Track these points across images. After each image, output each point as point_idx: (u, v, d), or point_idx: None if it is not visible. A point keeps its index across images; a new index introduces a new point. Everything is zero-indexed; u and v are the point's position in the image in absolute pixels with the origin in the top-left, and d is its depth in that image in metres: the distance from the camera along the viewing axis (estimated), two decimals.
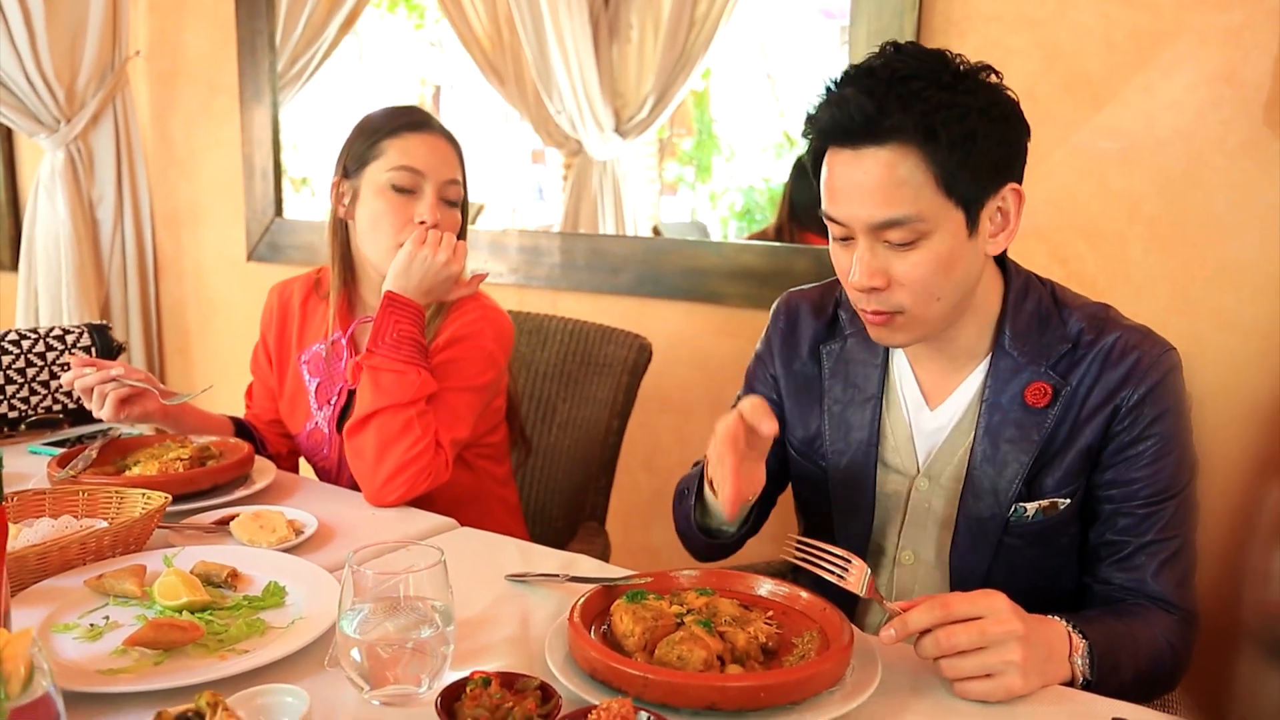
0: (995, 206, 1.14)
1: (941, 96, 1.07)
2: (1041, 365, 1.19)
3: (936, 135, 1.06)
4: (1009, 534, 1.21)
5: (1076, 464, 1.18)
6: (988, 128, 1.09)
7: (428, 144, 1.56)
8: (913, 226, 1.10)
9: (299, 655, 1.00)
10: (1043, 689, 0.98)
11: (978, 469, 1.21)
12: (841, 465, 1.30)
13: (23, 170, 3.53)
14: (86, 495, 1.30)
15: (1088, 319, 1.20)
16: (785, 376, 1.37)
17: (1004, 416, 1.20)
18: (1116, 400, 1.16)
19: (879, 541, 1.31)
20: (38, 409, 1.79)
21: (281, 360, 1.72)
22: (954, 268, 1.13)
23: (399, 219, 1.54)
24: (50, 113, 2.98)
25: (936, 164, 1.07)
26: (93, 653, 0.99)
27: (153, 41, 3.19)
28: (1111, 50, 1.82)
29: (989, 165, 1.10)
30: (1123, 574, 1.18)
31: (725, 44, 3.29)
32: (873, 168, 1.09)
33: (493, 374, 1.59)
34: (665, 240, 2.75)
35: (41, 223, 3.11)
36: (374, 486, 1.45)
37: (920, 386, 1.26)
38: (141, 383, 1.54)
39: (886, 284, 1.13)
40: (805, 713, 0.89)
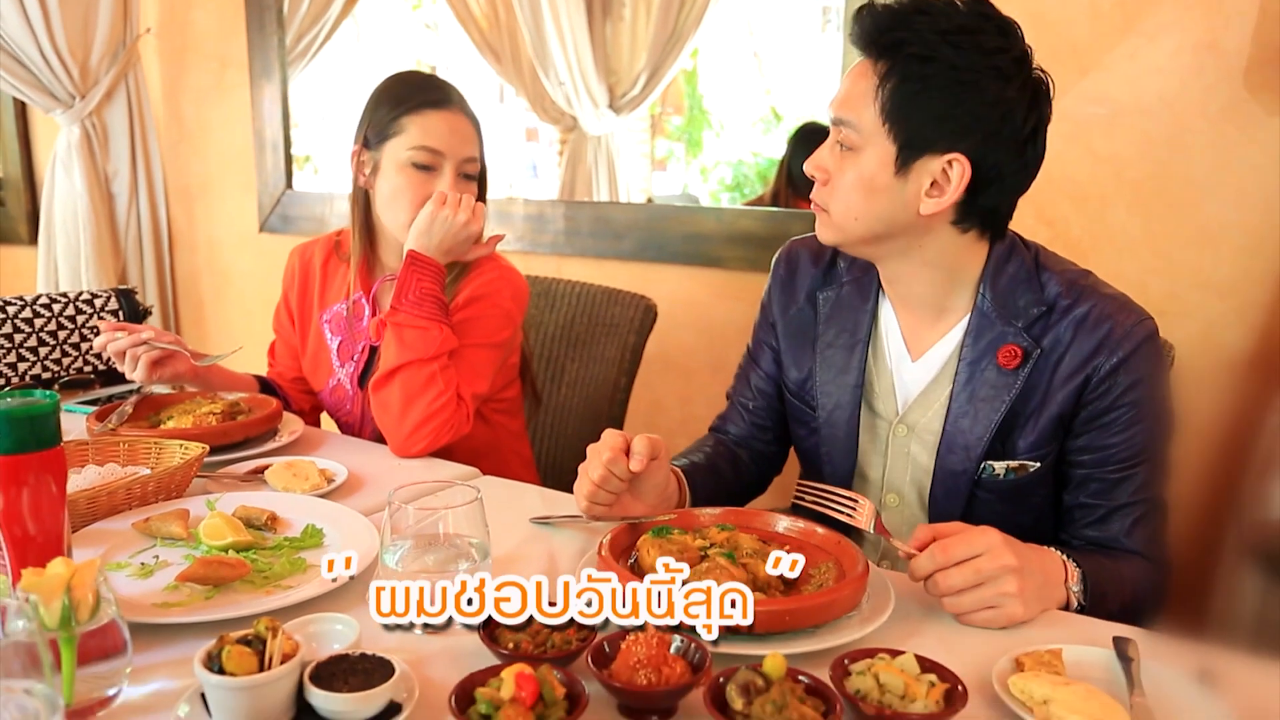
0: (938, 166, 1.11)
1: (927, 38, 1.08)
2: (1016, 325, 1.18)
3: (894, 65, 1.09)
4: (980, 488, 1.22)
5: (1049, 429, 1.18)
6: (946, 84, 1.08)
7: (448, 123, 1.55)
8: (849, 133, 1.14)
9: (341, 590, 1.01)
10: (1043, 614, 1.00)
11: (951, 424, 1.21)
12: (830, 406, 1.31)
13: (38, 148, 3.49)
14: (127, 446, 1.30)
15: (1066, 284, 1.18)
16: (782, 322, 1.37)
17: (978, 375, 1.19)
18: (1089, 369, 1.15)
19: (864, 486, 1.32)
20: (69, 370, 1.78)
21: (304, 319, 1.71)
22: (874, 196, 1.13)
23: (418, 195, 1.53)
24: (65, 89, 2.94)
25: (885, 90, 1.10)
26: (146, 589, 1.00)
27: (163, 19, 3.14)
28: (1097, 19, 1.82)
29: (933, 118, 1.09)
30: (1096, 532, 1.19)
31: (714, 23, 3.27)
32: (857, 73, 1.14)
33: (510, 331, 1.60)
34: (666, 207, 2.74)
35: (59, 197, 3.07)
36: (400, 438, 1.46)
37: (904, 337, 1.27)
38: (172, 345, 1.53)
39: (825, 179, 1.18)
40: (826, 636, 0.91)
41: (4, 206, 3.55)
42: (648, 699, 0.80)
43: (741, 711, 0.74)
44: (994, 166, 1.11)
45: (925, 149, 1.11)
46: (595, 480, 1.11)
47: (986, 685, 0.84)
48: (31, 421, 0.83)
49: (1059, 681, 0.82)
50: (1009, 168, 1.13)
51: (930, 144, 1.10)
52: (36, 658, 0.67)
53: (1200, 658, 0.88)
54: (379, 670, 0.79)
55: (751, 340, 1.44)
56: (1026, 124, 1.11)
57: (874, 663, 0.81)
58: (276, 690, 0.75)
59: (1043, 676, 0.83)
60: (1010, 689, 0.83)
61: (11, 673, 0.67)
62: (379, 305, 1.64)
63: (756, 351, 1.43)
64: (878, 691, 0.79)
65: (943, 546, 0.97)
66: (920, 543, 1.00)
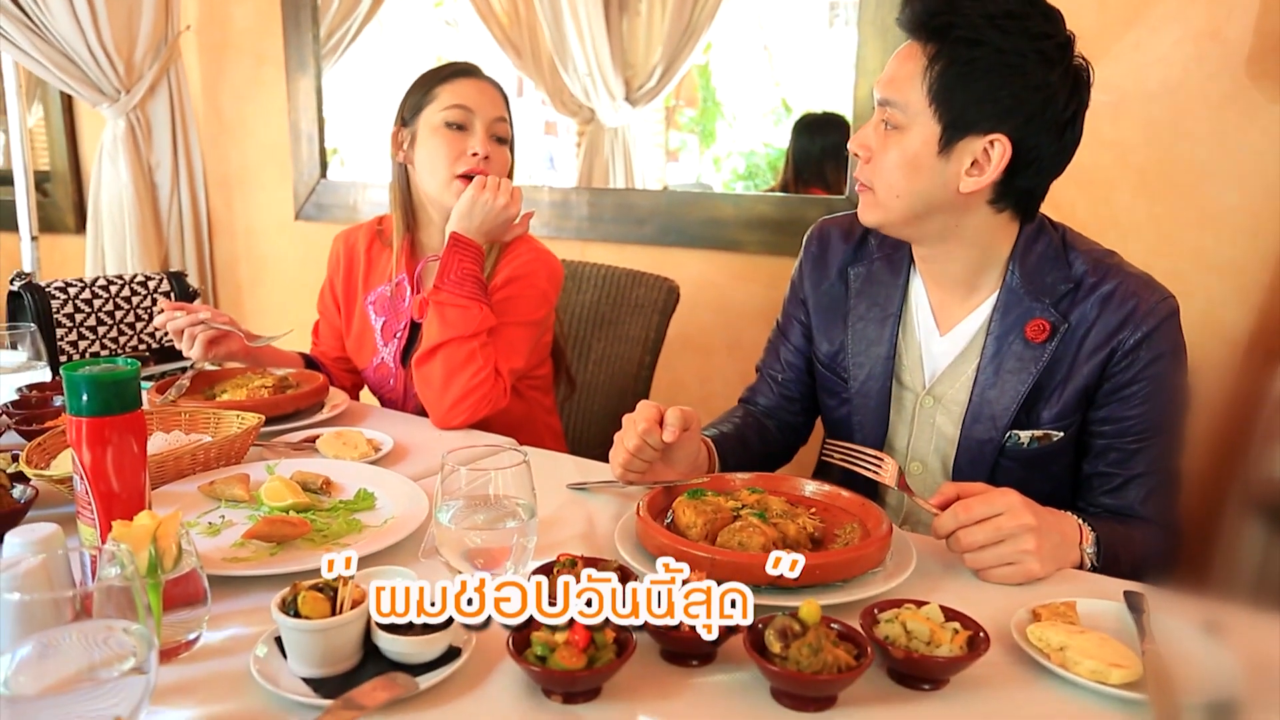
0: (979, 147, 1.12)
1: (975, 21, 1.09)
2: (1044, 302, 1.19)
3: (943, 47, 1.10)
4: (1005, 457, 1.23)
5: (1073, 400, 1.19)
6: (993, 67, 1.09)
7: (476, 86, 1.59)
8: (895, 113, 1.14)
9: (395, 548, 1.04)
10: (1058, 571, 1.02)
11: (978, 395, 1.23)
12: (861, 377, 1.32)
13: (83, 141, 3.52)
14: (188, 416, 1.33)
15: (1092, 263, 1.20)
16: (814, 297, 1.39)
17: (1006, 348, 1.21)
18: (1114, 342, 1.16)
19: (890, 453, 1.33)
20: (125, 348, 1.82)
21: (349, 302, 1.74)
22: (917, 174, 1.14)
23: (453, 151, 1.56)
24: (111, 84, 2.97)
25: (933, 72, 1.11)
26: (215, 545, 1.03)
27: (203, 16, 3.16)
28: (1103, 10, 1.82)
29: (978, 100, 1.10)
30: (1112, 500, 1.21)
31: (726, 18, 3.27)
32: (905, 55, 1.15)
33: (545, 310, 1.62)
34: (685, 193, 2.76)
35: (106, 187, 3.11)
36: (441, 411, 1.49)
37: (933, 312, 1.28)
38: (227, 325, 1.56)
39: (868, 157, 1.18)
40: (853, 589, 0.93)
41: (51, 198, 3.59)
42: (691, 645, 0.82)
43: (780, 654, 0.77)
44: (1033, 149, 1.12)
45: (968, 129, 1.12)
46: (631, 449, 1.13)
47: (1005, 635, 0.86)
48: (116, 385, 0.86)
49: (1074, 630, 0.85)
50: (1047, 150, 1.13)
51: (973, 124, 1.11)
52: (129, 601, 0.70)
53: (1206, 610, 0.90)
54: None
55: (781, 315, 1.46)
56: (1067, 109, 1.12)
57: (901, 612, 0.84)
58: (347, 633, 0.78)
59: (1059, 625, 0.86)
60: (1028, 636, 0.85)
61: (106, 614, 0.70)
62: (422, 285, 1.66)
63: (786, 326, 1.44)
64: (905, 637, 0.81)
65: (965, 505, 0.99)
66: (944, 499, 1.02)
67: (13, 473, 1.12)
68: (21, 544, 0.83)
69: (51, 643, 0.68)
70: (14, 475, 1.11)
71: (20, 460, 1.12)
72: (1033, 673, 0.83)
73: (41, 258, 3.24)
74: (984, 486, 1.02)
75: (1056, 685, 0.81)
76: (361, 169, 3.38)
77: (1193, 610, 0.91)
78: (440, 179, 1.57)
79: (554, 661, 0.76)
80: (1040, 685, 0.81)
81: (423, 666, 0.79)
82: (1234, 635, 0.87)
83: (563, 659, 0.75)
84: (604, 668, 0.76)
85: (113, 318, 1.80)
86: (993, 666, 0.83)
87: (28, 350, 1.55)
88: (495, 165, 1.57)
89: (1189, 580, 1.01)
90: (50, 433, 1.21)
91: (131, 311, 1.84)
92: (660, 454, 1.16)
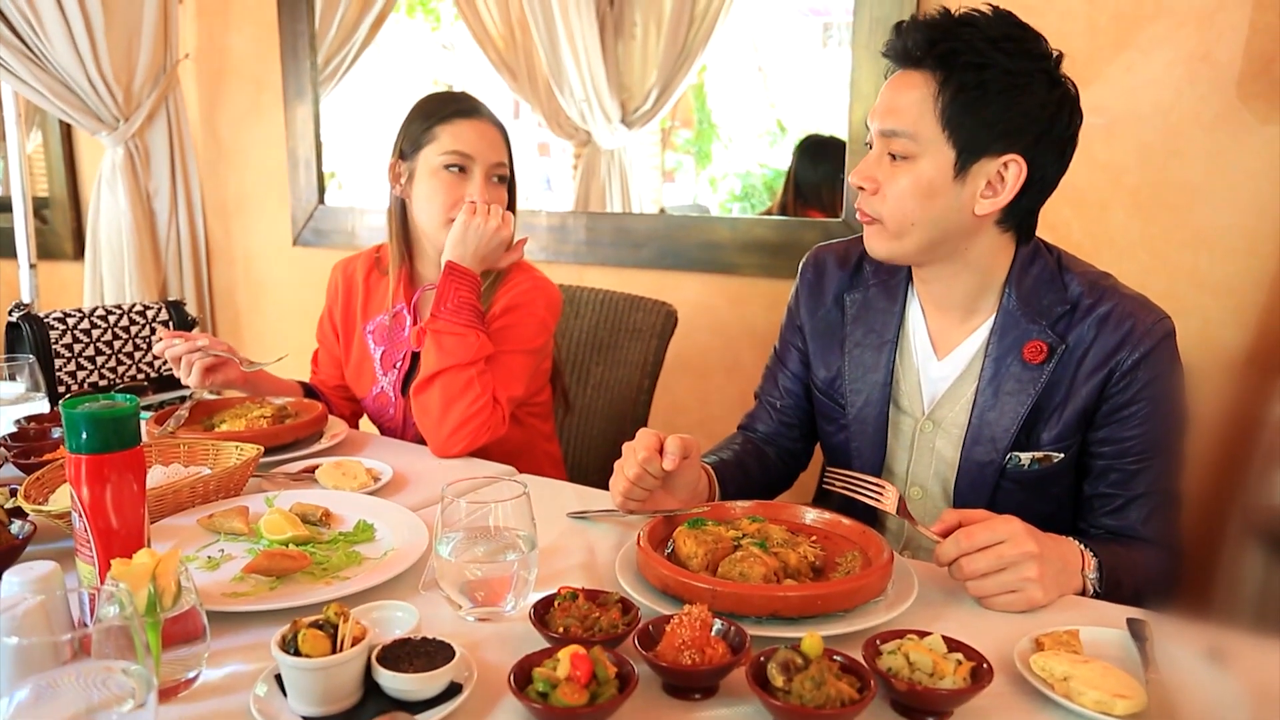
0: (994, 169, 1.13)
1: (978, 46, 1.10)
2: (1041, 324, 1.20)
3: (952, 74, 1.11)
4: (1005, 479, 1.23)
5: (1072, 421, 1.19)
6: (1004, 88, 1.10)
7: (477, 130, 1.58)
8: (906, 142, 1.14)
9: (395, 581, 1.03)
10: (1060, 598, 1.02)
11: (978, 418, 1.23)
12: (859, 404, 1.32)
13: (82, 168, 3.54)
14: (187, 448, 1.33)
15: (1088, 285, 1.21)
16: (810, 323, 1.39)
17: (1004, 370, 1.21)
18: (1112, 363, 1.17)
19: (888, 480, 1.33)
20: (124, 377, 1.82)
21: (348, 331, 1.74)
22: (932, 200, 1.14)
23: (450, 197, 1.57)
24: (110, 112, 2.98)
25: (944, 98, 1.11)
26: (214, 580, 1.02)
27: (201, 44, 3.19)
28: (1095, 33, 1.84)
29: (991, 122, 1.11)
30: (1114, 521, 1.21)
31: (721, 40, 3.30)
32: (903, 85, 1.15)
33: (544, 338, 1.62)
34: (683, 217, 2.77)
35: (104, 214, 3.12)
36: (440, 439, 1.48)
37: (931, 337, 1.29)
38: (224, 352, 1.56)
39: (874, 189, 1.17)
40: (855, 620, 0.93)
41: (50, 225, 3.59)
42: (692, 678, 0.82)
43: (782, 688, 0.76)
44: (1042, 167, 1.14)
45: (983, 152, 1.13)
46: (631, 478, 1.13)
47: (1008, 664, 0.86)
48: (115, 423, 0.86)
49: (1078, 660, 0.84)
50: (1052, 168, 1.16)
51: (988, 147, 1.12)
52: (127, 641, 0.70)
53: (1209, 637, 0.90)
54: (440, 653, 0.81)
55: (778, 342, 1.46)
56: (1071, 125, 1.15)
57: (903, 643, 0.83)
58: (348, 671, 0.78)
59: (1062, 655, 0.85)
60: (1032, 666, 0.85)
61: (105, 654, 0.69)
62: (419, 314, 1.66)
63: (783, 353, 1.44)
64: (908, 669, 0.80)
65: (967, 533, 0.99)
66: (945, 527, 1.02)
67: (11, 508, 1.11)
68: (20, 583, 0.83)
69: (50, 684, 0.68)
70: (12, 510, 1.11)
71: (19, 495, 1.12)
72: (1037, 704, 0.82)
73: (40, 285, 3.25)
74: (986, 514, 1.02)
75: (1061, 716, 0.80)
76: (360, 193, 3.39)
77: (1196, 637, 0.90)
78: (436, 221, 1.58)
79: (555, 698, 0.75)
80: (1045, 716, 0.81)
81: (424, 704, 0.78)
82: (1238, 662, 0.86)
83: (565, 695, 0.75)
84: (606, 703, 0.76)
85: (111, 347, 1.80)
86: (997, 697, 0.83)
87: (26, 381, 1.55)
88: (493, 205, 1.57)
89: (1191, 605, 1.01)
90: (49, 466, 1.21)
91: (130, 341, 1.84)
92: (660, 482, 1.16)
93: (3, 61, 2.83)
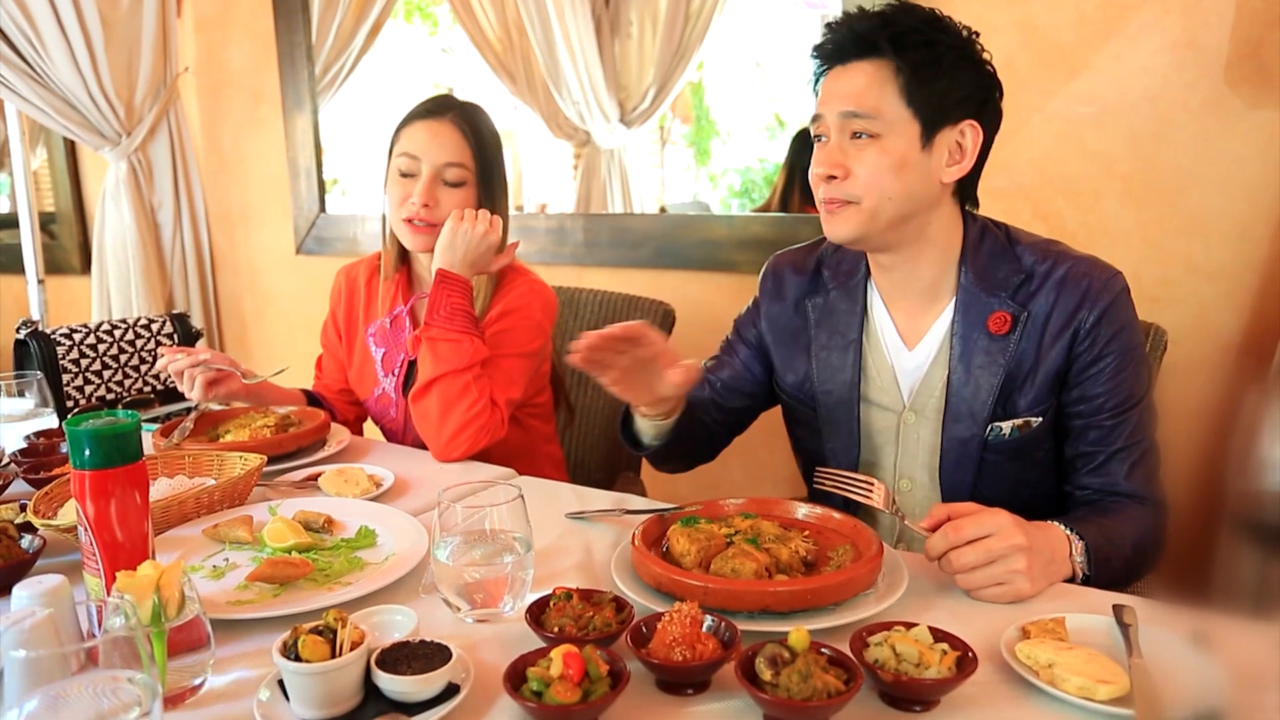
0: (954, 138, 1.19)
1: (919, 29, 1.18)
2: (1001, 295, 1.24)
3: (906, 56, 1.17)
4: (989, 451, 1.26)
5: (1046, 385, 1.23)
6: (954, 64, 1.18)
7: (429, 130, 1.59)
8: (871, 121, 1.18)
9: (396, 585, 1.06)
10: (1049, 587, 1.04)
11: (955, 396, 1.26)
12: (830, 404, 1.35)
13: (87, 183, 3.58)
14: (191, 459, 1.35)
15: (1040, 252, 1.25)
16: (771, 330, 1.42)
17: (972, 345, 1.25)
18: (1075, 323, 1.20)
19: (877, 475, 1.35)
20: (130, 391, 1.85)
21: (350, 334, 1.77)
22: (905, 172, 1.18)
23: (397, 198, 1.59)
24: (112, 127, 3.01)
25: (903, 77, 1.17)
26: (219, 588, 1.04)
27: (200, 58, 3.22)
28: (1083, 23, 1.84)
29: (946, 92, 1.17)
30: (1098, 479, 1.23)
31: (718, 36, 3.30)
32: (855, 75, 1.20)
33: (540, 341, 1.64)
34: (680, 216, 2.78)
35: (110, 228, 3.15)
36: (440, 444, 1.51)
37: (898, 330, 1.31)
38: (226, 366, 1.59)
39: (845, 175, 1.21)
40: (845, 613, 0.94)
41: (57, 239, 3.64)
42: (684, 674, 0.83)
43: (770, 682, 0.78)
44: (990, 131, 1.22)
45: (944, 121, 1.19)
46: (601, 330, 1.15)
47: (995, 653, 0.88)
48: (117, 439, 0.88)
49: (1062, 647, 0.86)
50: (993, 133, 1.23)
51: (947, 115, 1.18)
52: (133, 651, 0.72)
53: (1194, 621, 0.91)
54: (438, 655, 0.83)
55: (734, 332, 1.50)
56: (999, 92, 1.23)
57: (890, 635, 0.85)
58: (347, 675, 0.80)
59: (1047, 643, 0.87)
60: (1017, 654, 0.86)
61: (112, 664, 0.72)
62: (416, 319, 1.68)
63: (736, 343, 1.48)
64: (894, 660, 0.82)
65: (955, 526, 1.00)
66: (935, 521, 1.03)
67: (21, 523, 1.14)
68: (29, 597, 0.85)
69: (60, 695, 0.70)
70: (22, 525, 1.13)
71: (28, 510, 1.15)
72: (1022, 691, 0.84)
73: (49, 299, 3.29)
74: (975, 507, 1.03)
75: (1045, 703, 0.82)
76: (361, 200, 3.42)
77: (1180, 622, 0.92)
78: (393, 221, 1.62)
79: (549, 696, 0.77)
80: (1029, 703, 0.82)
81: (422, 705, 0.80)
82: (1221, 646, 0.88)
83: (558, 694, 0.77)
84: (599, 700, 0.78)
85: (117, 361, 1.83)
86: (982, 685, 0.84)
87: (35, 397, 1.58)
88: (444, 212, 1.57)
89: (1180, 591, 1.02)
90: (57, 481, 1.23)
91: (136, 355, 1.87)
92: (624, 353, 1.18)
93: (6, 81, 2.87)
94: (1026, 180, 1.94)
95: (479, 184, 1.61)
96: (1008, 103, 1.25)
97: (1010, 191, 1.96)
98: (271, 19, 3.01)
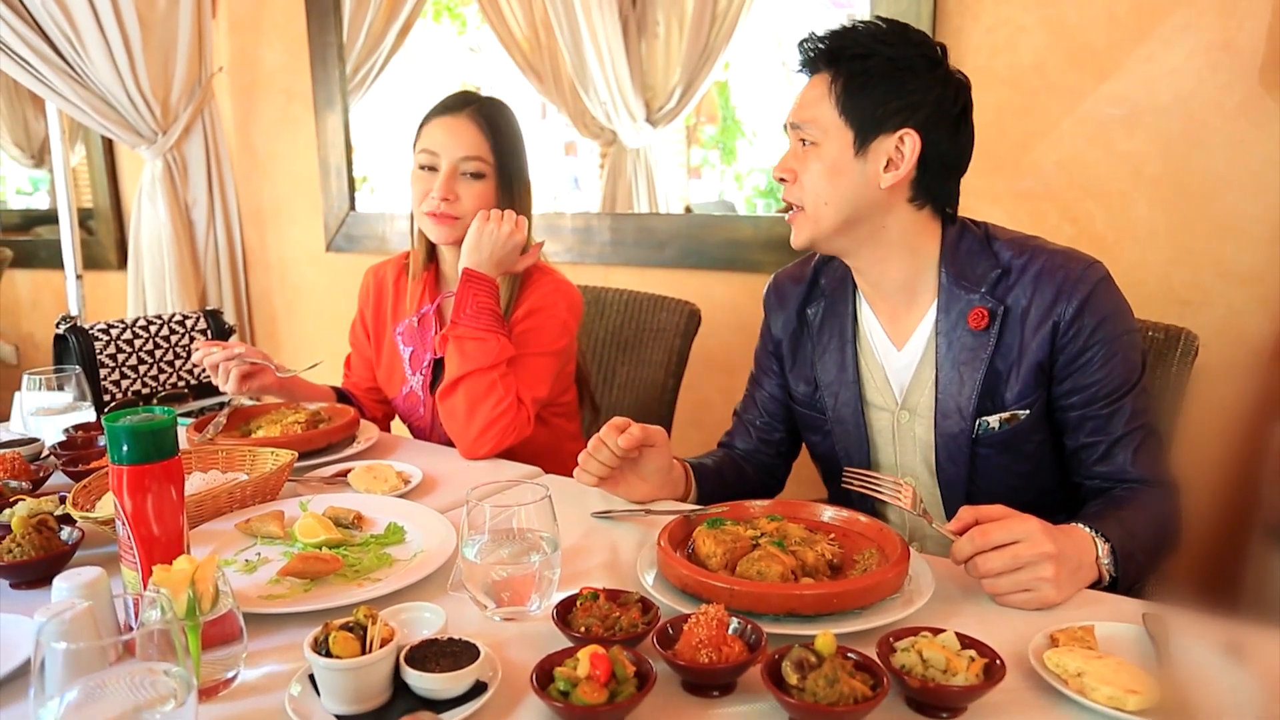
0: (891, 145, 1.20)
1: (861, 41, 1.20)
2: (980, 291, 1.24)
3: (840, 68, 1.21)
4: (979, 445, 1.27)
5: (1031, 378, 1.23)
6: (887, 71, 1.19)
7: (447, 125, 1.60)
8: (808, 130, 1.23)
9: (424, 581, 1.06)
10: (1076, 594, 1.02)
11: (943, 392, 1.27)
12: (836, 406, 1.37)
13: (124, 181, 3.62)
14: (225, 454, 1.37)
15: (1016, 247, 1.26)
16: (781, 341, 1.45)
17: (955, 342, 1.26)
18: (1054, 316, 1.20)
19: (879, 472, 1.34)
20: (166, 385, 1.87)
21: (378, 333, 1.78)
22: (839, 177, 1.22)
23: (419, 193, 1.61)
24: (149, 126, 3.05)
25: (836, 86, 1.21)
26: (251, 582, 1.05)
27: (234, 58, 3.25)
28: (1114, 24, 1.81)
29: (880, 102, 1.19)
30: (1104, 468, 1.23)
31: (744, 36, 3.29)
32: (807, 88, 1.25)
33: (566, 340, 1.64)
34: (705, 216, 2.78)
35: (145, 225, 3.19)
36: (467, 442, 1.51)
37: (886, 331, 1.33)
38: (260, 360, 1.61)
39: (793, 178, 1.26)
40: (872, 617, 0.93)
41: (95, 235, 3.69)
42: (709, 676, 0.83)
43: (796, 686, 0.77)
44: (936, 142, 1.21)
45: (878, 130, 1.20)
46: (589, 448, 1.25)
47: (1023, 660, 0.86)
48: (154, 435, 0.89)
49: (1091, 655, 0.85)
50: (948, 144, 1.23)
51: (882, 124, 1.20)
52: (169, 644, 0.73)
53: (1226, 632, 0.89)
54: (466, 653, 0.83)
55: (755, 366, 1.52)
56: (956, 104, 1.22)
57: (917, 640, 0.84)
58: (377, 671, 0.80)
59: (1076, 651, 0.85)
60: (1045, 663, 0.85)
61: (148, 656, 0.73)
62: (443, 318, 1.69)
63: (760, 375, 1.51)
64: (921, 666, 0.81)
65: (982, 530, 0.99)
66: (962, 525, 1.02)
67: (60, 515, 1.16)
68: (69, 589, 0.87)
69: (98, 685, 0.71)
70: (61, 517, 1.15)
71: (67, 503, 1.16)
72: (1050, 699, 0.83)
73: (87, 294, 3.33)
74: (1003, 510, 1.02)
75: (1074, 712, 0.81)
76: (391, 198, 3.44)
77: (1212, 632, 0.90)
78: (416, 216, 1.64)
79: (576, 697, 0.77)
80: (1058, 712, 0.81)
81: (450, 702, 0.81)
82: (1254, 657, 0.86)
83: (585, 694, 0.77)
84: (625, 701, 0.78)
85: (153, 356, 1.86)
86: (1010, 693, 0.83)
87: (74, 391, 1.60)
88: (465, 204, 1.58)
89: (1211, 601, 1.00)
90: (95, 474, 1.25)
91: (171, 350, 1.89)
92: (619, 460, 1.26)
93: (47, 80, 2.91)
94: (1055, 182, 1.91)
95: (498, 176, 1.62)
96: (1036, 104, 1.24)
97: (1038, 193, 1.94)
98: (304, 20, 3.03)
